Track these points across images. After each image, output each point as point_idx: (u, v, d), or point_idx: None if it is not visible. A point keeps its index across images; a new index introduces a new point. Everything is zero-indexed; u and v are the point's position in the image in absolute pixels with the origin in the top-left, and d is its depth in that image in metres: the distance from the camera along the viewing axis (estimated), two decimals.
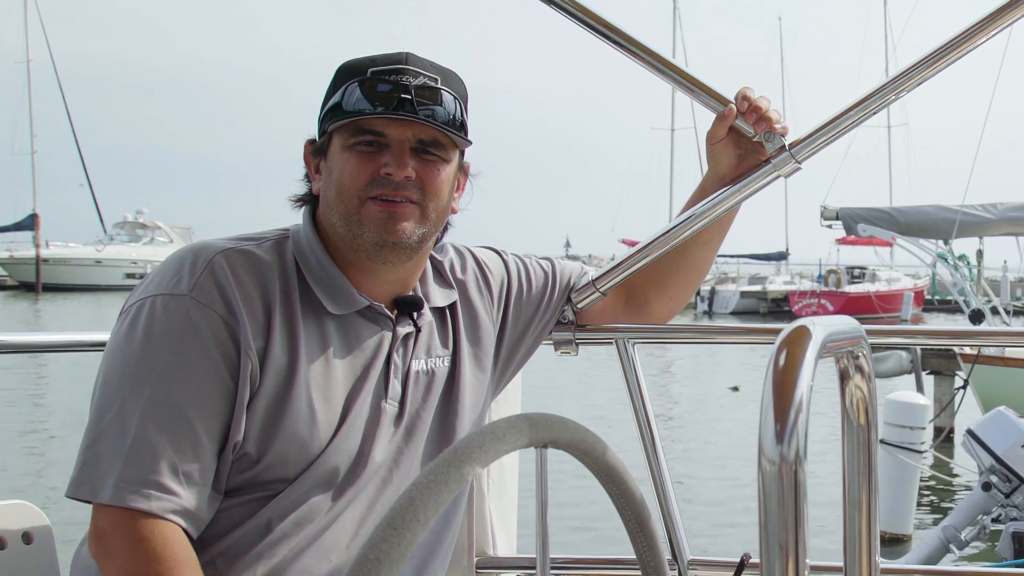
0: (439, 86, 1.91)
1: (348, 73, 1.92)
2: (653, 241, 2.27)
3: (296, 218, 2.03)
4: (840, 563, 1.35)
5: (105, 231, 60.61)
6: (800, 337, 1.07)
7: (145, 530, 1.72)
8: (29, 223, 55.71)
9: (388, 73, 1.89)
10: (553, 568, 2.38)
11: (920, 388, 15.26)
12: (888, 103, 2.07)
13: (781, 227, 61.66)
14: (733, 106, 2.16)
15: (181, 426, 1.76)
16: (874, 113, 2.08)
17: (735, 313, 45.09)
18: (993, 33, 1.95)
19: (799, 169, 2.17)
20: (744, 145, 2.20)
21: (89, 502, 1.76)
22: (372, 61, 1.91)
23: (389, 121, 1.88)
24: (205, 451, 1.78)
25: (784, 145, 2.16)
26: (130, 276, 53.70)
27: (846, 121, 2.10)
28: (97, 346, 2.22)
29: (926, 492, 11.71)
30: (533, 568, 2.48)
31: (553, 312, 2.29)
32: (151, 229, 60.52)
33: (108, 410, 1.78)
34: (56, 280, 53.80)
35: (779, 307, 45.45)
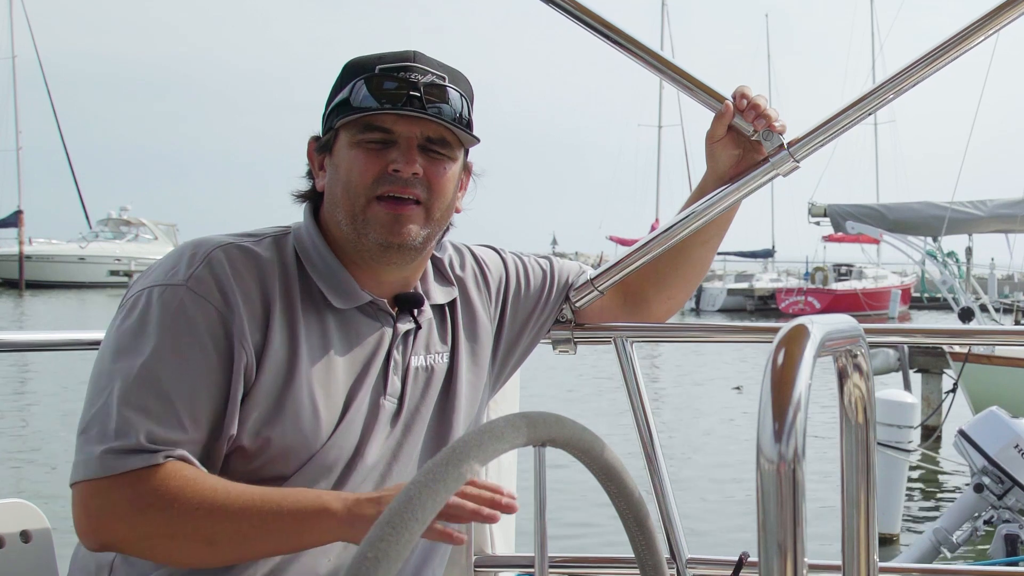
0: (447, 84, 1.92)
1: (355, 70, 1.92)
2: (652, 240, 2.27)
3: (295, 216, 2.02)
4: (838, 561, 1.35)
5: (91, 228, 60.24)
6: (798, 336, 1.07)
7: (137, 485, 1.70)
8: (13, 219, 55.23)
9: (396, 70, 1.89)
10: (551, 567, 2.38)
11: (908, 386, 15.24)
12: (886, 102, 2.08)
13: (767, 224, 61.75)
14: (731, 104, 2.16)
15: (163, 407, 1.75)
16: (872, 112, 2.10)
17: (722, 311, 45.06)
18: (991, 32, 1.96)
19: (797, 168, 2.18)
20: (743, 144, 2.20)
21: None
22: (380, 58, 1.91)
23: (397, 118, 1.89)
24: (186, 433, 1.76)
25: (783, 143, 2.16)
26: (114, 273, 53.28)
27: (844, 120, 2.11)
28: (91, 345, 2.22)
29: (913, 490, 11.72)
30: (531, 567, 2.48)
31: (551, 310, 2.29)
32: (135, 226, 60.01)
33: (99, 396, 1.77)
34: (39, 277, 53.37)
35: (766, 304, 45.47)
